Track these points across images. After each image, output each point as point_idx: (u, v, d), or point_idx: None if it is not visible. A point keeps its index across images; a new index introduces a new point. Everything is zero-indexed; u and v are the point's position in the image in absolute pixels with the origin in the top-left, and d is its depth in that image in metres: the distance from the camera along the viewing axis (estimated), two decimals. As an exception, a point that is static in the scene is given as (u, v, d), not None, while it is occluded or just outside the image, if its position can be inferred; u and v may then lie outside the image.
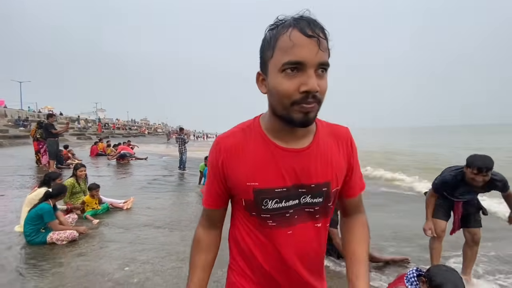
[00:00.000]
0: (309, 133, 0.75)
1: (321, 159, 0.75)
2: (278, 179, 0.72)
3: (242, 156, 0.74)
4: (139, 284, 2.44)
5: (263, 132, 0.75)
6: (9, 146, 14.16)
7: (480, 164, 2.21)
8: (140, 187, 6.60)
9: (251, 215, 0.76)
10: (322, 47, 0.61)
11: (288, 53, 0.61)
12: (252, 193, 0.73)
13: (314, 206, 0.75)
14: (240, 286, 0.82)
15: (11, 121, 22.63)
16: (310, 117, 0.65)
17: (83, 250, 3.09)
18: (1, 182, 6.42)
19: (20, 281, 2.45)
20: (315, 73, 0.62)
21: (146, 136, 38.78)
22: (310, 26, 0.61)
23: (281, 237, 0.75)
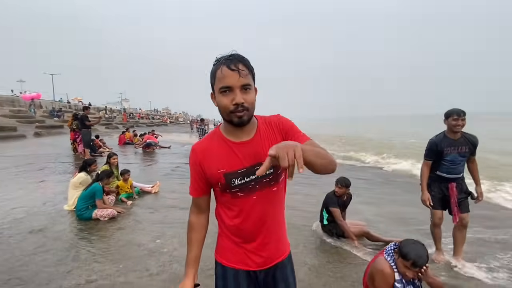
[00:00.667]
0: (252, 128, 1.07)
1: (264, 143, 1.05)
2: (238, 163, 1.04)
3: (211, 154, 1.07)
4: (168, 253, 2.94)
5: (222, 134, 1.08)
6: (47, 136, 15.48)
7: (457, 111, 2.69)
8: (165, 174, 7.20)
9: (226, 193, 1.08)
10: (242, 75, 0.94)
11: (221, 81, 0.96)
12: (223, 176, 1.04)
13: (268, 176, 1.06)
14: (226, 245, 1.16)
15: (46, 112, 24.46)
16: (243, 120, 0.97)
17: (121, 226, 3.66)
18: (45, 169, 7.27)
19: (75, 248, 3.03)
20: (240, 91, 0.95)
21: (168, 125, 40.19)
22: (233, 63, 0.95)
23: (250, 201, 1.07)
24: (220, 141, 1.07)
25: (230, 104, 0.96)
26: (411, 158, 10.38)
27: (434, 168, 2.90)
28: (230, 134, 1.06)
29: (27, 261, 2.73)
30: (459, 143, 2.75)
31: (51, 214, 4.00)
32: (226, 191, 1.07)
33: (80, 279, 2.43)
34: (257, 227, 1.10)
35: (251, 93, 0.98)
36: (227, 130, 1.06)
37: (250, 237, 1.11)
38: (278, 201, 1.13)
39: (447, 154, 2.76)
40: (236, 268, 1.14)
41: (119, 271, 2.58)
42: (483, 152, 2.94)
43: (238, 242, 1.13)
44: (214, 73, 0.99)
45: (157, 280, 2.44)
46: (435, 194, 2.90)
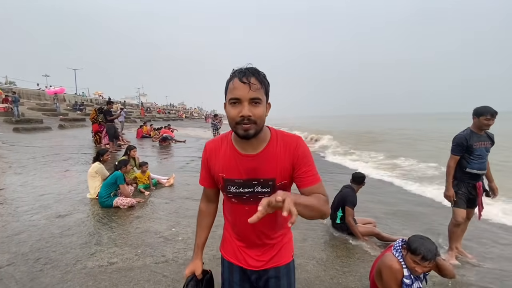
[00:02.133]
0: (262, 142, 1.06)
1: (269, 162, 1.05)
2: (236, 173, 1.07)
3: (217, 155, 1.12)
4: (183, 241, 3.10)
5: (231, 141, 1.10)
6: (70, 128, 16.22)
7: (492, 111, 2.73)
8: (180, 167, 7.44)
9: (223, 193, 1.16)
10: (253, 88, 0.94)
11: (231, 93, 0.97)
12: (222, 180, 1.10)
13: (264, 194, 1.06)
14: (225, 237, 1.27)
15: (69, 105, 25.58)
16: (249, 133, 0.97)
17: (139, 214, 3.87)
18: (70, 159, 7.68)
19: (97, 233, 3.25)
20: (249, 104, 0.95)
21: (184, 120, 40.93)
22: (245, 76, 0.95)
23: (242, 210, 1.11)
24: (227, 146, 1.10)
25: (237, 115, 0.96)
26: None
27: (462, 166, 2.91)
28: (237, 143, 1.08)
29: (55, 242, 2.97)
30: (484, 138, 2.84)
31: (75, 201, 4.27)
32: (223, 192, 1.15)
33: (102, 261, 2.63)
34: (248, 232, 1.14)
35: (260, 107, 0.97)
36: (237, 139, 1.07)
37: (242, 237, 1.18)
38: (274, 216, 1.11)
39: (476, 148, 2.81)
40: (230, 261, 1.21)
41: (138, 255, 2.76)
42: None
43: (233, 238, 1.21)
44: (227, 84, 1.01)
45: (173, 266, 2.60)
46: (462, 194, 2.93)
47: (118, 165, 4.38)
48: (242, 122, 0.96)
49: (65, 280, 2.34)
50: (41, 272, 2.44)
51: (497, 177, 3.05)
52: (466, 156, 2.86)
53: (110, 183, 4.10)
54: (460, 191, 2.92)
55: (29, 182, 5.22)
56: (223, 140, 1.14)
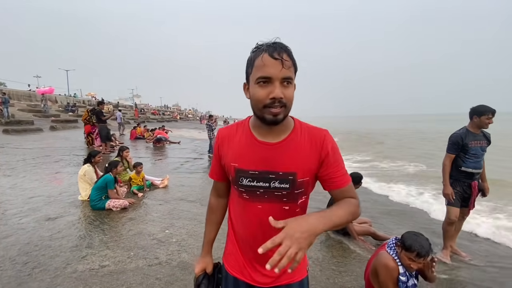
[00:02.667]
0: (285, 131, 0.93)
1: (290, 153, 0.91)
2: (252, 163, 0.93)
3: (231, 143, 0.98)
4: (177, 243, 3.04)
5: (249, 127, 0.97)
6: (62, 129, 15.93)
7: (492, 110, 2.73)
8: (175, 168, 7.36)
9: (234, 187, 1.01)
10: (285, 66, 0.81)
11: (260, 70, 0.83)
12: (233, 171, 0.95)
13: (281, 190, 0.92)
14: (230, 250, 1.09)
15: (61, 106, 25.16)
16: (278, 118, 0.85)
17: (132, 216, 3.80)
18: (61, 161, 7.54)
19: (89, 236, 3.17)
20: (280, 85, 0.82)
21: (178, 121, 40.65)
22: (277, 51, 0.82)
23: (253, 209, 0.96)
24: (244, 133, 0.97)
25: (266, 97, 0.83)
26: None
27: (457, 165, 2.92)
28: (256, 130, 0.95)
29: (44, 246, 2.88)
30: (480, 138, 2.85)
31: (66, 203, 4.17)
32: (234, 186, 1.00)
33: (93, 264, 2.56)
34: (257, 240, 0.96)
35: (291, 88, 0.85)
36: (255, 125, 0.95)
37: (249, 248, 1.01)
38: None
39: (472, 147, 2.82)
40: (236, 277, 1.06)
41: (130, 258, 2.70)
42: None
43: (239, 250, 1.05)
44: (252, 61, 0.87)
45: (166, 268, 2.54)
46: (457, 193, 2.95)
47: (109, 167, 4.28)
48: (272, 105, 0.83)
49: (55, 285, 2.26)
50: (30, 277, 2.36)
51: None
52: (461, 155, 2.87)
53: (101, 186, 4.01)
54: (455, 189, 2.94)
55: (18, 184, 5.09)
56: (239, 126, 1.01)
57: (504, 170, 7.81)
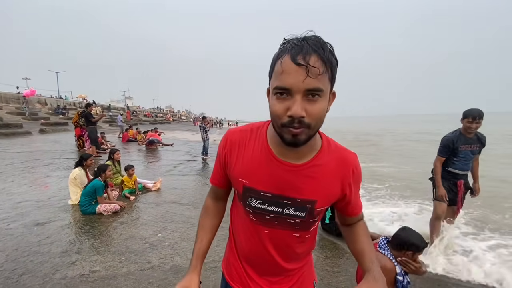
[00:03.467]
0: (310, 151, 0.78)
1: (314, 179, 0.78)
2: (265, 184, 0.78)
3: (242, 153, 0.82)
4: (169, 246, 3.01)
5: (266, 139, 0.81)
6: (52, 132, 15.64)
7: (474, 114, 2.72)
8: (168, 170, 7.29)
9: (240, 203, 0.87)
10: (312, 74, 0.62)
11: (278, 79, 0.66)
12: (242, 188, 0.82)
13: (295, 218, 0.80)
14: (230, 259, 0.98)
15: (51, 109, 24.71)
16: (299, 140, 0.68)
17: (124, 220, 3.74)
18: (50, 164, 7.38)
19: (79, 241, 3.11)
20: (303, 98, 0.64)
21: (171, 123, 40.37)
22: (303, 53, 0.63)
23: (261, 233, 0.84)
24: (259, 144, 0.81)
25: (283, 114, 0.66)
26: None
27: (445, 165, 2.98)
28: (275, 145, 0.79)
29: (33, 251, 2.81)
30: (473, 141, 2.86)
31: (56, 208, 4.09)
32: (240, 203, 0.87)
33: (84, 270, 2.51)
34: (261, 261, 0.89)
35: (320, 103, 0.66)
36: (275, 139, 0.78)
37: (250, 263, 0.92)
38: (298, 247, 0.88)
39: (461, 150, 2.86)
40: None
41: (122, 263, 2.65)
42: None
43: (240, 262, 0.94)
44: (274, 62, 0.69)
45: (159, 272, 2.51)
46: (444, 189, 3.00)
47: (97, 171, 4.17)
48: (290, 125, 0.66)
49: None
50: (17, 284, 2.29)
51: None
52: (450, 157, 2.92)
53: (90, 192, 3.93)
54: (443, 186, 2.99)
55: (6, 189, 4.96)
56: (254, 133, 0.84)
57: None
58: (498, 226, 4.13)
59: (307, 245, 0.90)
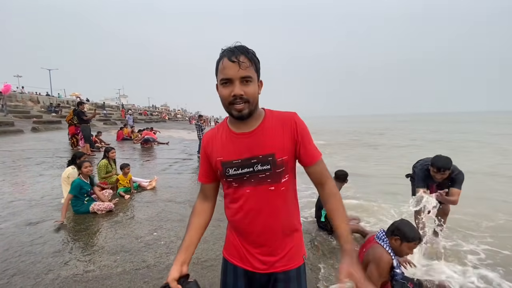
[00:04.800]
0: (256, 121, 1.04)
1: (265, 137, 1.02)
2: (234, 154, 1.04)
3: (215, 142, 1.09)
4: (165, 245, 2.97)
5: (227, 124, 1.09)
6: (45, 131, 15.40)
7: (439, 165, 2.66)
8: (163, 169, 7.23)
9: (224, 181, 1.09)
10: (242, 67, 0.93)
11: (221, 73, 0.96)
12: (220, 164, 1.06)
13: (264, 172, 1.02)
14: (229, 239, 1.16)
15: (43, 107, 24.32)
16: (243, 114, 0.97)
17: (118, 219, 3.69)
18: (43, 163, 7.27)
19: (72, 240, 3.06)
20: (240, 83, 0.94)
21: (167, 122, 40.12)
22: (234, 54, 0.94)
23: (244, 194, 1.04)
24: (224, 130, 1.09)
25: (229, 95, 0.95)
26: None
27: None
28: (232, 125, 1.07)
29: (24, 252, 2.76)
30: (440, 184, 2.85)
31: (49, 207, 4.02)
32: (223, 179, 1.09)
33: (77, 270, 2.47)
34: (252, 225, 1.06)
35: (252, 86, 0.96)
36: (231, 121, 1.07)
37: (246, 235, 1.09)
38: (278, 202, 1.06)
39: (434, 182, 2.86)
40: (235, 264, 1.12)
41: (116, 262, 2.61)
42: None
43: (238, 238, 1.11)
44: (217, 65, 1.00)
45: (154, 271, 2.48)
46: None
47: (77, 168, 4.03)
48: (234, 102, 0.96)
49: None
50: (8, 285, 2.24)
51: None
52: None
53: (75, 192, 3.78)
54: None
55: (-3, 188, 4.87)
56: (219, 127, 1.13)
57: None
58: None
59: (287, 202, 1.08)
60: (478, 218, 4.27)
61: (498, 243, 3.48)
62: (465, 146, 14.11)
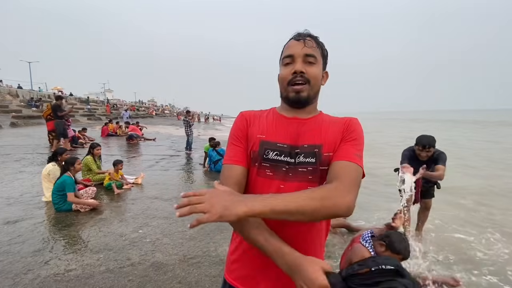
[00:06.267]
0: (313, 111, 0.94)
1: (318, 128, 0.89)
2: (280, 136, 0.89)
3: (258, 121, 0.94)
4: (151, 243, 2.93)
5: (276, 110, 0.97)
6: (24, 126, 14.81)
7: (424, 142, 2.82)
8: (149, 166, 7.10)
9: (255, 165, 0.88)
10: (307, 45, 0.86)
11: (285, 52, 0.90)
12: (259, 143, 0.89)
13: (307, 165, 0.85)
14: (235, 245, 0.95)
15: (23, 101, 23.31)
16: (301, 96, 0.86)
17: (103, 217, 3.60)
18: (23, 160, 6.99)
19: (53, 239, 2.97)
20: (303, 62, 0.86)
21: (154, 118, 39.36)
22: (301, 35, 0.89)
23: (274, 188, 0.85)
24: (271, 113, 0.96)
25: (289, 73, 0.86)
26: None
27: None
28: (284, 111, 0.94)
29: (2, 251, 2.65)
30: (428, 162, 2.92)
31: (28, 205, 3.87)
32: (255, 164, 0.88)
33: (58, 269, 2.39)
34: (278, 222, 0.79)
35: (315, 67, 0.87)
36: (284, 107, 0.95)
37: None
38: (309, 233, 0.88)
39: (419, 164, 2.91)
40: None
41: (99, 261, 2.55)
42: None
43: (251, 254, 0.88)
44: (283, 49, 0.93)
45: (139, 269, 2.44)
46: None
47: (66, 165, 3.87)
48: (294, 81, 0.86)
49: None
50: (-16, 286, 2.15)
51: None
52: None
53: (59, 189, 3.67)
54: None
55: (-28, 185, 4.64)
56: (265, 111, 1.00)
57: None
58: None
59: (320, 225, 0.89)
60: None
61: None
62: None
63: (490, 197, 5.39)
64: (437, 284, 2.38)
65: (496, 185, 6.26)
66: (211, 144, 7.00)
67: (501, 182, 6.49)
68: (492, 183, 6.43)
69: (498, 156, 10.26)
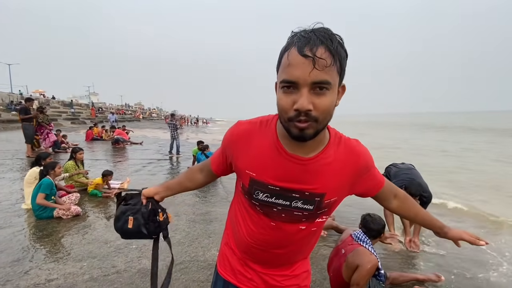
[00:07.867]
0: (318, 145, 0.76)
1: (322, 172, 0.76)
2: (273, 177, 0.77)
3: (250, 145, 0.80)
4: (137, 249, 2.86)
5: (275, 132, 0.78)
6: (3, 131, 14.24)
7: (413, 191, 2.91)
8: (136, 170, 6.96)
9: (245, 197, 0.86)
10: (319, 66, 0.61)
11: (284, 72, 0.65)
12: (248, 180, 0.80)
13: (303, 211, 0.79)
14: (224, 255, 0.99)
15: (2, 105, 22.42)
16: (306, 134, 0.66)
17: (86, 224, 3.49)
18: (1, 165, 6.69)
19: (33, 248, 2.84)
20: (310, 91, 0.63)
21: (141, 121, 38.66)
22: (310, 45, 0.61)
23: (267, 226, 0.83)
24: (269, 137, 0.79)
25: (290, 108, 0.65)
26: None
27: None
28: (284, 139, 0.77)
29: (-23, 263, 2.52)
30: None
31: (7, 213, 3.70)
32: (246, 196, 0.85)
33: (39, 279, 2.30)
34: (266, 256, 0.89)
35: (327, 97, 0.64)
36: (283, 133, 0.75)
37: (254, 259, 0.92)
38: (304, 242, 0.89)
39: None
40: (227, 280, 0.97)
41: (83, 269, 2.47)
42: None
43: (238, 255, 0.95)
44: (281, 55, 0.68)
45: (124, 277, 2.37)
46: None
47: (45, 169, 3.71)
48: (297, 119, 0.65)
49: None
50: (-43, 300, 2.04)
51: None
52: None
53: (48, 191, 3.56)
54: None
55: None
56: (263, 126, 0.81)
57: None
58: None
59: (311, 241, 0.91)
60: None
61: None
62: None
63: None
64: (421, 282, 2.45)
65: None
66: (199, 148, 6.95)
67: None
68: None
69: None
